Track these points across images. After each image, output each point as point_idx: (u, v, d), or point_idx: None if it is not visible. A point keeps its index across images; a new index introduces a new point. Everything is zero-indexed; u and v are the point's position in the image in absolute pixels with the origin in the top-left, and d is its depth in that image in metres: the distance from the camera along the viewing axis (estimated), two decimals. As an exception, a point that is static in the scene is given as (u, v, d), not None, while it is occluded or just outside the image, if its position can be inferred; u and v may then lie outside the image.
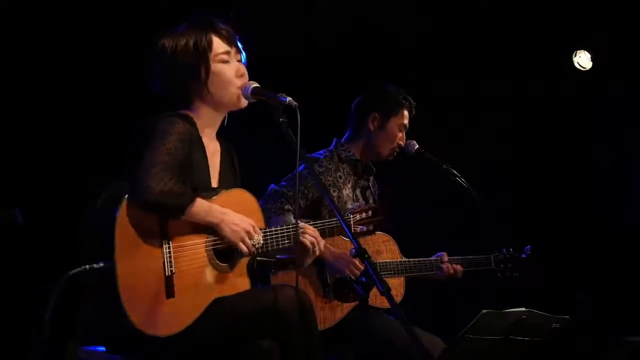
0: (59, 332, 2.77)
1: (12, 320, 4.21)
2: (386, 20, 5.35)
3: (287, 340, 2.79)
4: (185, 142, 2.84)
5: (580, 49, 5.65)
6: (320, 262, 3.82)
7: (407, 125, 4.23)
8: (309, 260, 3.07)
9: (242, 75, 3.03)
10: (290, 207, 3.87)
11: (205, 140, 3.00)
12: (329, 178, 4.06)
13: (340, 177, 4.11)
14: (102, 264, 2.67)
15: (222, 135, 3.14)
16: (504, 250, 4.25)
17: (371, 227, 3.27)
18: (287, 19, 5.07)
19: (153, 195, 2.66)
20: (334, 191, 4.04)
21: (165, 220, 2.76)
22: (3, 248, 4.12)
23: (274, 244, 2.98)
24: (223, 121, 3.10)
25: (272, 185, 3.98)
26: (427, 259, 4.13)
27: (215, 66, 2.98)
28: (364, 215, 3.27)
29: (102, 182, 2.82)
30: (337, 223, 3.13)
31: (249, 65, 3.10)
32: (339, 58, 5.42)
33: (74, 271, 2.68)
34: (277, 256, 3.15)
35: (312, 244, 3.01)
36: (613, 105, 5.93)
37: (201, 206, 2.79)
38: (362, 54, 5.50)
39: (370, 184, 4.30)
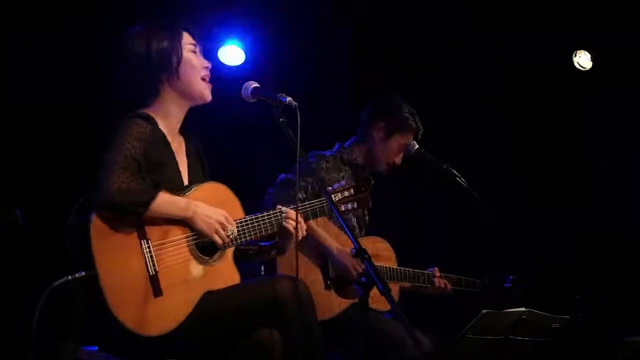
0: (59, 333, 2.78)
1: (12, 320, 4.21)
2: (387, 20, 5.35)
3: (287, 330, 2.81)
4: (146, 141, 2.86)
5: (580, 49, 5.64)
6: (325, 256, 3.90)
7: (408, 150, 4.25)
8: (291, 245, 3.12)
9: (207, 68, 3.10)
10: (301, 197, 3.89)
11: (170, 137, 3.02)
12: (333, 175, 4.11)
13: (343, 177, 4.14)
14: (83, 273, 2.67)
15: (186, 130, 3.16)
16: (487, 277, 4.32)
17: (355, 205, 3.31)
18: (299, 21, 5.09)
19: (111, 193, 2.68)
20: None
21: (140, 220, 2.77)
22: (3, 248, 4.12)
23: (258, 230, 3.00)
24: (186, 117, 3.12)
25: (282, 175, 4.02)
26: (422, 270, 4.19)
27: (186, 54, 3.05)
28: (345, 193, 3.31)
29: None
30: (320, 205, 3.19)
31: (264, 66, 3.12)
32: (341, 59, 5.44)
33: (57, 282, 2.69)
34: (260, 244, 3.17)
35: (295, 228, 3.05)
36: (613, 106, 5.92)
37: (165, 199, 2.81)
38: (364, 54, 5.51)
39: None
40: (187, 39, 3.08)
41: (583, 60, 5.64)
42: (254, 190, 3.98)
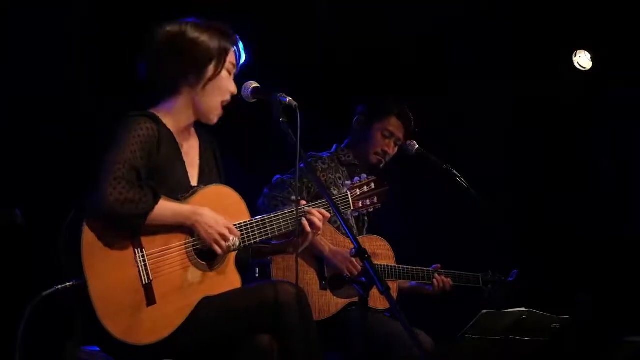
0: (59, 334, 2.78)
1: (12, 321, 4.20)
2: (387, 20, 5.35)
3: (286, 335, 2.78)
4: (148, 142, 2.81)
5: (580, 49, 5.64)
6: (319, 257, 3.88)
7: (396, 134, 4.21)
8: (305, 244, 3.07)
9: (231, 94, 3.04)
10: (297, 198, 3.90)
11: (179, 137, 2.98)
12: (330, 176, 4.10)
13: (340, 179, 4.14)
14: (73, 282, 2.65)
15: (201, 128, 3.12)
16: (490, 272, 4.33)
17: (375, 200, 3.22)
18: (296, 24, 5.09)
19: (108, 204, 2.63)
20: (334, 189, 4.06)
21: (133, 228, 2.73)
22: (3, 248, 4.11)
23: (277, 228, 2.98)
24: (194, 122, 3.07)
25: (278, 176, 4.01)
26: (421, 268, 4.17)
27: (223, 72, 2.99)
28: (365, 189, 3.21)
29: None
30: (322, 205, 3.09)
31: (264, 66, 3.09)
32: (342, 61, 5.44)
33: (47, 292, 2.66)
34: (272, 242, 3.14)
35: (318, 226, 3.02)
36: (615, 106, 5.92)
37: (165, 208, 2.77)
38: (365, 55, 5.51)
39: None
40: (231, 57, 3.00)
41: (583, 60, 5.64)
42: (254, 191, 3.98)
